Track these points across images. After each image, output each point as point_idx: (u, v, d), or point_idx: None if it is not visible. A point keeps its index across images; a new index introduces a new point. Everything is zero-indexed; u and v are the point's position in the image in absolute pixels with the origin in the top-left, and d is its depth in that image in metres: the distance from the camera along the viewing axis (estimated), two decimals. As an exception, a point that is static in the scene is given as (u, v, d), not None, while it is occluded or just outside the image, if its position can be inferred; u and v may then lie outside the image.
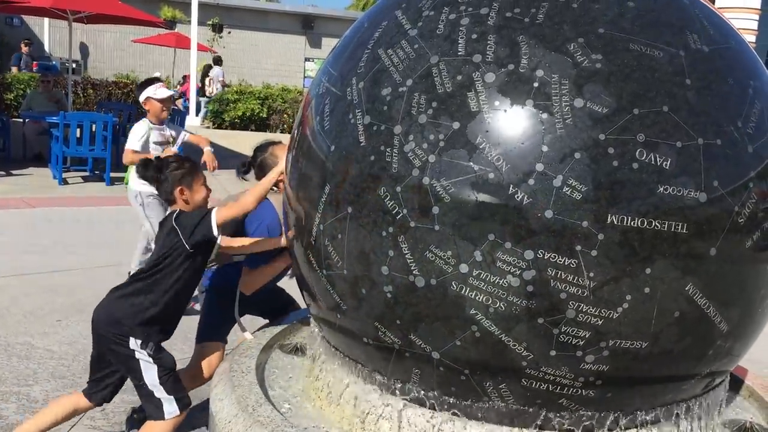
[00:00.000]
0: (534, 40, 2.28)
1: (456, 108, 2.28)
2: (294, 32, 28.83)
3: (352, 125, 2.49)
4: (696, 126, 2.24)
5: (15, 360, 4.08)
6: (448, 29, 2.39)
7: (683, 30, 2.37)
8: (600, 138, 2.17)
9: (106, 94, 14.66)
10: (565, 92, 2.21)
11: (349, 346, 2.74)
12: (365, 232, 2.42)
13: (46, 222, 7.49)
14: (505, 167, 2.20)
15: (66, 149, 9.96)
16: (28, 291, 5.31)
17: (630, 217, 2.17)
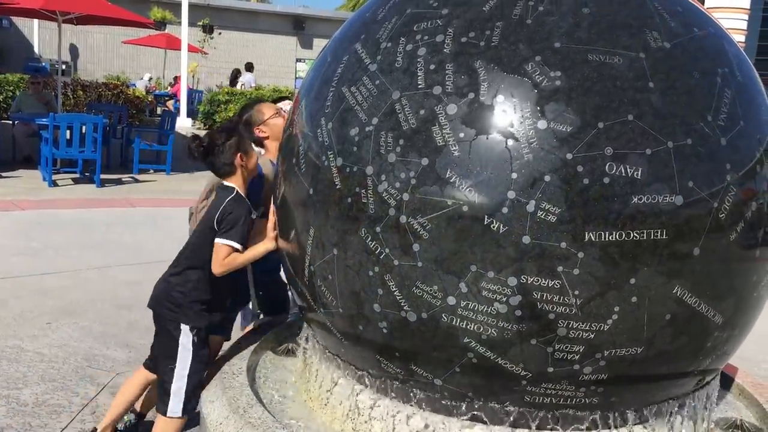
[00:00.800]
0: (491, 65, 2.26)
1: (422, 144, 2.28)
2: (285, 33, 28.81)
3: (326, 167, 2.51)
4: (664, 129, 2.22)
5: (4, 363, 4.04)
6: (407, 62, 2.38)
7: (642, 29, 2.34)
8: (567, 157, 2.16)
9: (96, 96, 14.54)
10: (528, 115, 2.19)
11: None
12: (353, 272, 2.46)
13: (35, 224, 7.44)
14: (478, 198, 2.21)
15: (56, 151, 9.89)
16: (17, 294, 5.27)
17: (607, 232, 2.18)
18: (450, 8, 2.42)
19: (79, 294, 5.40)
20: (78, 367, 4.08)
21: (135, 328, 4.71)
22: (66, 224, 7.59)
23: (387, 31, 2.51)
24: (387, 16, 2.57)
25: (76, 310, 5.04)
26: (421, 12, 2.47)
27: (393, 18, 2.53)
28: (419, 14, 2.46)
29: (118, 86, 15.67)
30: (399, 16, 2.52)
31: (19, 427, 3.33)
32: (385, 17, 2.57)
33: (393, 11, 2.56)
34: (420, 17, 2.45)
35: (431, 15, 2.43)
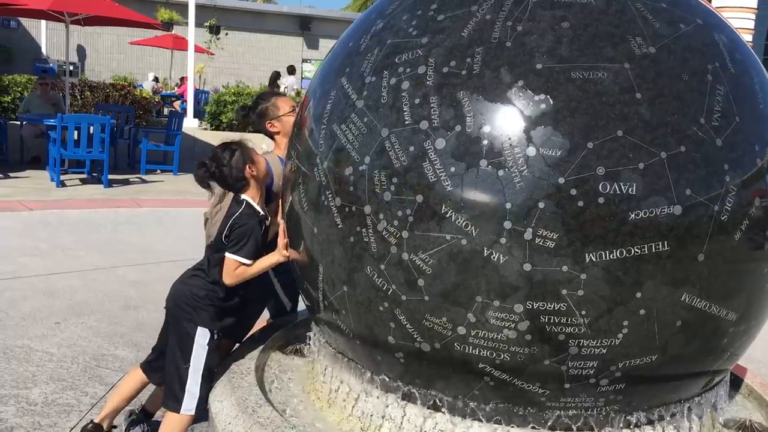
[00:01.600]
0: (475, 94, 2.24)
1: (415, 181, 2.29)
2: (291, 33, 28.82)
3: (326, 207, 2.54)
4: (655, 141, 2.18)
5: (14, 363, 4.06)
6: (392, 97, 2.37)
7: (624, 37, 2.28)
8: (560, 182, 2.15)
9: (103, 96, 14.58)
10: (516, 143, 2.17)
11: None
12: (364, 308, 2.51)
13: (44, 225, 7.47)
14: (475, 231, 2.22)
15: (64, 151, 9.93)
16: (26, 294, 5.29)
17: (608, 251, 2.17)
18: (429, 36, 2.40)
19: (87, 294, 5.42)
20: (87, 367, 4.10)
21: (142, 328, 4.73)
22: (74, 224, 7.62)
23: (370, 64, 2.49)
24: (369, 46, 2.56)
25: (84, 310, 5.06)
26: (402, 42, 2.45)
27: (375, 49, 2.52)
28: (400, 45, 2.45)
29: (126, 87, 15.69)
30: (380, 47, 2.50)
31: (28, 427, 3.35)
32: (367, 48, 2.56)
33: (375, 42, 2.55)
34: (401, 48, 2.44)
35: (411, 45, 2.41)
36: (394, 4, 2.63)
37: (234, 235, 2.94)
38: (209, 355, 2.94)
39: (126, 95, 14.98)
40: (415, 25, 2.46)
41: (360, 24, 2.78)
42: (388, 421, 2.66)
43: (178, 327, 2.98)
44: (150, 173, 11.49)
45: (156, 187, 10.50)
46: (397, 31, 2.50)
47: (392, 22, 2.55)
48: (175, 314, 3.00)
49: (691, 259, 2.24)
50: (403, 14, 2.54)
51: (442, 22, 2.40)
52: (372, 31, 2.61)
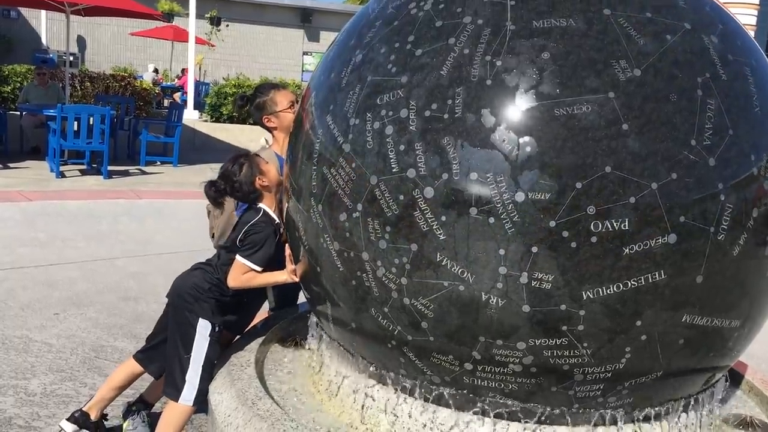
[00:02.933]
0: (459, 140, 2.20)
1: (408, 230, 2.29)
2: (292, 26, 28.71)
3: (326, 250, 2.56)
4: (645, 172, 2.13)
5: (13, 353, 4.06)
6: (377, 143, 2.34)
7: (608, 62, 2.19)
8: (551, 225, 2.14)
9: (103, 87, 14.56)
10: (504, 189, 2.15)
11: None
12: (374, 344, 2.58)
13: (43, 215, 7.46)
14: (472, 278, 2.24)
15: (63, 142, 9.91)
16: (25, 284, 5.29)
17: (604, 287, 2.19)
18: (408, 74, 2.34)
19: (86, 285, 5.42)
20: (86, 358, 4.10)
21: (141, 319, 4.72)
22: (73, 215, 7.62)
23: (353, 104, 2.45)
24: (351, 82, 2.51)
25: (84, 301, 5.06)
26: (382, 81, 2.39)
27: (356, 86, 2.47)
28: (380, 84, 2.39)
29: (126, 78, 15.66)
30: (361, 85, 2.45)
31: (27, 417, 3.34)
32: (349, 84, 2.51)
33: (355, 77, 2.50)
34: (381, 87, 2.38)
35: (392, 84, 2.36)
36: (372, 31, 2.57)
37: (248, 241, 2.97)
38: (210, 346, 2.95)
39: (126, 86, 14.95)
40: (393, 60, 2.40)
41: (340, 50, 2.72)
42: (389, 414, 2.66)
43: (180, 317, 2.99)
44: (150, 165, 11.48)
45: (156, 178, 10.50)
46: (376, 67, 2.44)
47: (371, 55, 2.49)
48: (177, 304, 3.01)
49: (690, 283, 2.24)
50: (381, 46, 2.48)
51: (421, 58, 2.33)
52: (352, 63, 2.55)
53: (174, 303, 3.03)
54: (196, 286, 2.98)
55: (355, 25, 2.73)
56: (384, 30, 2.52)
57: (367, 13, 2.71)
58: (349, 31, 2.76)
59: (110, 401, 3.22)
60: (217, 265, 3.03)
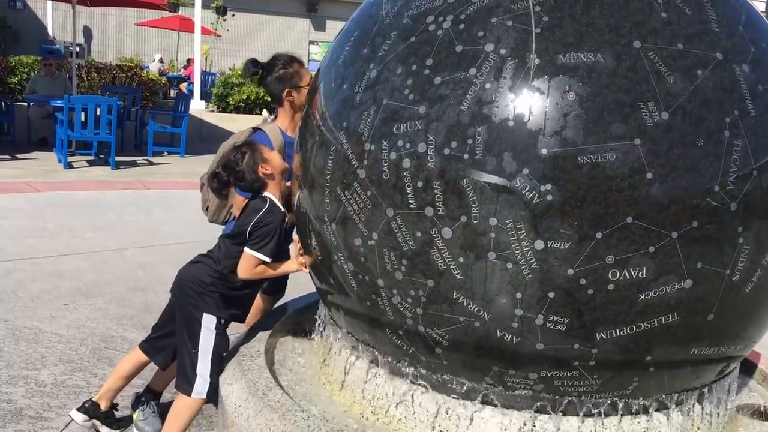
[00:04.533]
0: (479, 183, 2.15)
1: (425, 266, 2.29)
2: (298, 15, 28.59)
3: (340, 268, 2.57)
4: (666, 221, 2.11)
5: (23, 344, 4.07)
6: (394, 175, 2.29)
7: (635, 105, 2.10)
8: (569, 273, 2.14)
9: (110, 78, 14.54)
10: (523, 236, 2.13)
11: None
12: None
13: (51, 206, 7.46)
14: (488, 316, 2.26)
15: (71, 133, 9.91)
16: (34, 275, 5.30)
17: (618, 329, 2.22)
18: (427, 105, 2.24)
19: (95, 275, 5.43)
20: (96, 349, 4.11)
21: (150, 310, 4.72)
22: (81, 206, 7.62)
23: (368, 127, 2.37)
24: (365, 101, 2.41)
25: (93, 291, 5.07)
26: (399, 108, 2.30)
27: (371, 108, 2.38)
28: (397, 111, 2.30)
29: (132, 68, 15.63)
30: (377, 108, 2.36)
31: (38, 408, 3.35)
32: (363, 102, 2.41)
33: (369, 96, 2.40)
34: (398, 115, 2.30)
35: (409, 114, 2.27)
36: (387, 44, 2.44)
37: (258, 233, 2.93)
38: (217, 338, 2.94)
39: (132, 77, 14.92)
40: (410, 86, 2.29)
41: (352, 57, 2.58)
42: (400, 405, 2.64)
43: (185, 312, 2.98)
44: (157, 155, 11.46)
45: (163, 169, 10.48)
46: (392, 90, 2.34)
47: (386, 75, 2.38)
48: (180, 299, 3.01)
49: (701, 321, 2.28)
50: (396, 65, 2.36)
51: (440, 88, 2.23)
52: (366, 79, 2.44)
53: (177, 297, 3.02)
54: (198, 281, 2.95)
55: (367, 26, 2.59)
56: (400, 45, 2.39)
57: (380, 14, 2.57)
58: (361, 33, 2.61)
59: (119, 391, 3.23)
60: (219, 258, 2.99)
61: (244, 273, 2.95)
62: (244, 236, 2.95)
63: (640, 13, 2.20)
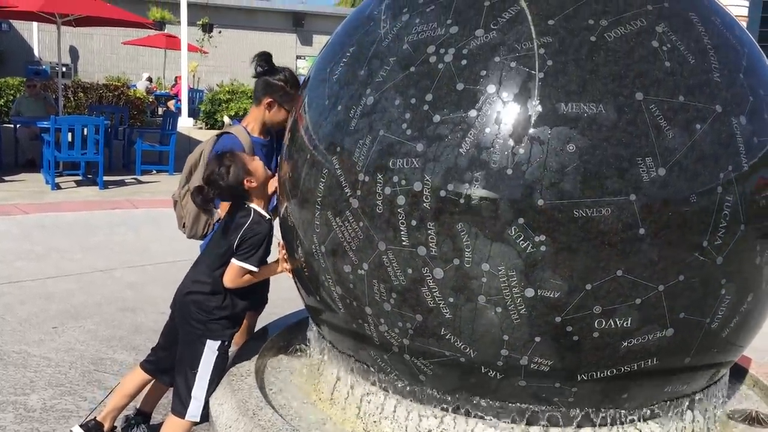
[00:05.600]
0: (474, 228, 2.15)
1: (414, 302, 2.31)
2: (285, 30, 28.74)
3: (327, 288, 2.57)
4: (654, 276, 2.15)
5: (11, 369, 4.02)
6: (387, 210, 2.27)
7: (633, 160, 2.09)
8: (556, 320, 2.18)
9: (97, 98, 14.53)
10: (515, 284, 2.16)
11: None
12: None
13: (39, 228, 7.41)
14: (473, 353, 2.30)
15: (58, 154, 9.86)
16: (22, 298, 5.24)
17: (599, 371, 2.29)
18: (425, 143, 2.21)
19: (84, 297, 5.37)
20: (85, 371, 4.06)
21: (140, 330, 4.68)
22: (69, 227, 7.56)
23: (363, 156, 2.33)
24: (360, 128, 2.36)
25: (82, 313, 5.02)
26: (395, 142, 2.27)
27: (367, 136, 2.34)
28: (393, 145, 2.27)
29: (119, 87, 15.62)
30: (373, 138, 2.32)
31: (27, 434, 3.31)
32: (358, 130, 2.37)
33: (365, 124, 2.35)
34: (395, 150, 2.26)
35: (406, 150, 2.24)
36: (385, 70, 2.38)
37: (246, 245, 2.88)
38: (218, 360, 2.92)
39: (119, 96, 14.90)
40: (409, 120, 2.25)
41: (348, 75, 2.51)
42: (392, 421, 2.63)
43: (188, 337, 2.95)
44: (145, 174, 11.39)
45: (152, 187, 10.41)
46: (389, 121, 2.30)
47: (384, 104, 2.33)
48: (186, 330, 2.95)
49: (678, 363, 2.37)
50: (395, 95, 2.31)
51: (439, 127, 2.20)
52: (362, 105, 2.38)
53: (180, 325, 2.97)
54: (202, 310, 2.90)
55: (364, 44, 2.51)
56: (399, 74, 2.34)
57: (377, 33, 2.49)
58: (357, 50, 2.53)
59: (123, 409, 3.21)
60: (217, 278, 2.93)
61: (231, 283, 2.90)
62: (231, 250, 2.90)
63: (644, 62, 2.17)
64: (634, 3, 2.28)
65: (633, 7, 2.27)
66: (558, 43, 2.19)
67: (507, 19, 2.25)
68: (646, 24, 2.24)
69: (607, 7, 2.25)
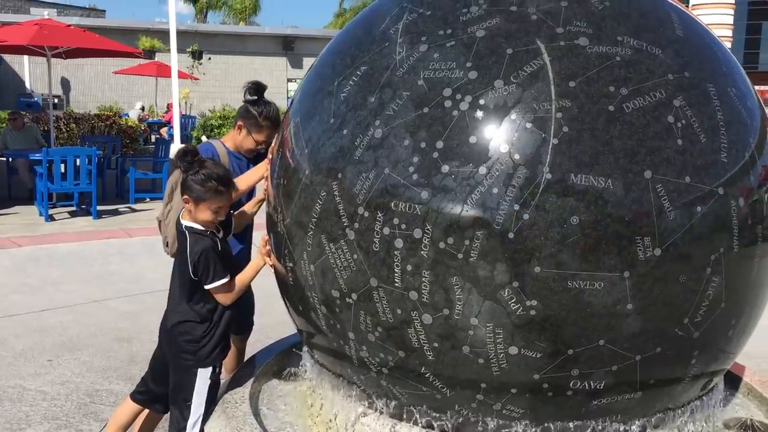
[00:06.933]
0: (468, 284, 2.17)
1: (399, 340, 2.34)
2: (275, 54, 28.90)
3: (312, 306, 2.59)
4: (634, 347, 2.23)
5: (7, 404, 4.01)
6: (384, 250, 2.26)
7: (633, 239, 2.10)
8: (534, 377, 2.25)
9: (89, 128, 14.59)
10: (500, 341, 2.21)
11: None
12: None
13: (33, 261, 7.42)
14: (449, 393, 2.37)
15: (51, 185, 9.88)
16: (17, 332, 5.24)
17: (567, 422, 2.39)
18: (430, 191, 2.18)
19: (79, 329, 5.37)
20: (81, 404, 4.05)
21: (136, 360, 4.67)
22: (64, 258, 7.56)
23: (364, 190, 2.29)
24: (365, 161, 2.31)
25: (77, 345, 5.02)
26: (400, 183, 2.23)
27: (371, 171, 2.29)
28: (397, 186, 2.23)
29: (111, 117, 15.70)
30: (377, 173, 2.27)
31: (23, 470, 3.29)
32: (362, 161, 2.31)
33: (371, 158, 2.30)
34: (398, 192, 2.23)
35: (410, 195, 2.21)
36: (397, 104, 2.31)
37: (201, 268, 2.80)
38: (211, 387, 2.92)
39: (111, 125, 14.97)
40: (416, 164, 2.21)
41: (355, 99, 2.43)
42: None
43: (179, 369, 2.95)
44: (139, 202, 11.41)
45: (146, 215, 10.41)
46: (396, 162, 2.25)
47: (392, 141, 2.27)
48: (176, 363, 2.95)
49: (645, 416, 2.47)
50: (404, 135, 2.25)
51: (446, 179, 2.16)
52: (369, 135, 2.32)
53: (172, 360, 2.95)
54: (191, 341, 2.87)
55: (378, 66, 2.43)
56: (410, 112, 2.27)
57: (393, 58, 2.40)
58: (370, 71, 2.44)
59: None
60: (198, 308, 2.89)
61: (227, 300, 2.88)
62: (193, 280, 2.83)
63: (657, 138, 2.16)
64: (656, 71, 2.25)
65: (655, 75, 2.24)
66: (576, 109, 2.15)
67: (528, 73, 2.19)
68: (665, 96, 2.21)
69: (630, 73, 2.21)
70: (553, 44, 2.24)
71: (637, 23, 2.35)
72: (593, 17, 2.31)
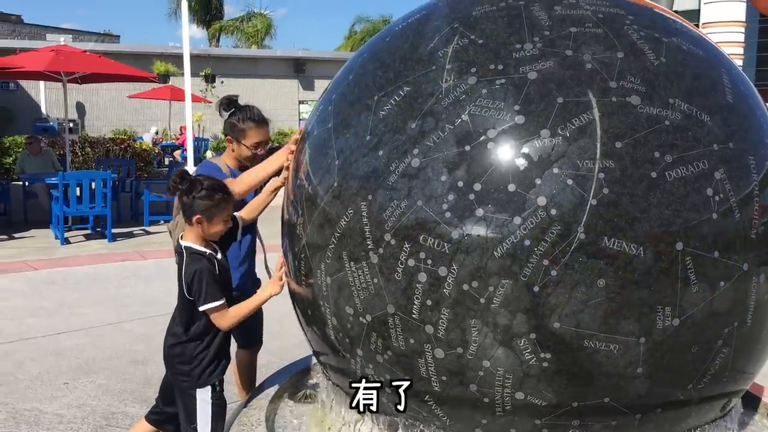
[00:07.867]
0: (486, 329, 2.17)
1: (408, 366, 2.37)
2: (286, 77, 29.09)
3: (322, 318, 2.60)
4: (636, 406, 2.27)
5: (24, 427, 4.02)
6: (406, 280, 2.24)
7: (654, 307, 2.11)
8: (535, 422, 2.29)
9: (104, 151, 14.77)
10: (508, 385, 2.23)
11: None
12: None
13: (49, 284, 7.46)
14: (449, 423, 2.41)
15: (66, 209, 9.98)
16: (33, 356, 5.26)
17: None
18: (460, 233, 2.15)
19: (95, 351, 5.38)
20: (97, 427, 4.05)
21: (151, 382, 4.66)
22: (79, 281, 7.60)
23: (393, 219, 2.26)
24: (398, 188, 2.27)
25: (93, 368, 5.02)
26: (431, 219, 2.20)
27: (402, 202, 2.25)
28: (428, 221, 2.20)
29: (125, 140, 15.87)
30: (409, 205, 2.24)
31: (41, 494, 3.29)
32: (396, 189, 2.27)
33: (404, 186, 2.25)
34: (429, 227, 2.20)
35: (440, 232, 2.18)
36: (438, 136, 2.25)
37: (195, 288, 2.79)
38: (214, 408, 2.90)
39: (126, 149, 15.14)
40: (450, 203, 2.17)
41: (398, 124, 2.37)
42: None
43: (181, 394, 2.95)
44: (153, 224, 11.46)
45: (160, 238, 10.46)
46: (430, 196, 2.21)
47: (428, 173, 2.22)
48: (177, 386, 2.96)
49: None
50: (442, 170, 2.20)
51: (479, 223, 2.14)
52: (406, 163, 2.27)
53: (173, 383, 2.95)
54: (184, 362, 2.87)
55: (424, 92, 2.35)
56: (451, 148, 2.21)
57: (439, 85, 2.32)
58: (414, 94, 2.37)
59: None
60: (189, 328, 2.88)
61: (224, 323, 2.83)
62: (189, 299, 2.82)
63: (694, 210, 2.15)
64: (703, 140, 2.23)
65: (700, 144, 2.22)
66: (619, 171, 2.12)
67: (576, 126, 2.16)
68: (708, 167, 2.19)
69: (677, 140, 2.19)
70: (604, 99, 2.19)
71: (690, 85, 2.32)
72: (647, 74, 2.26)
